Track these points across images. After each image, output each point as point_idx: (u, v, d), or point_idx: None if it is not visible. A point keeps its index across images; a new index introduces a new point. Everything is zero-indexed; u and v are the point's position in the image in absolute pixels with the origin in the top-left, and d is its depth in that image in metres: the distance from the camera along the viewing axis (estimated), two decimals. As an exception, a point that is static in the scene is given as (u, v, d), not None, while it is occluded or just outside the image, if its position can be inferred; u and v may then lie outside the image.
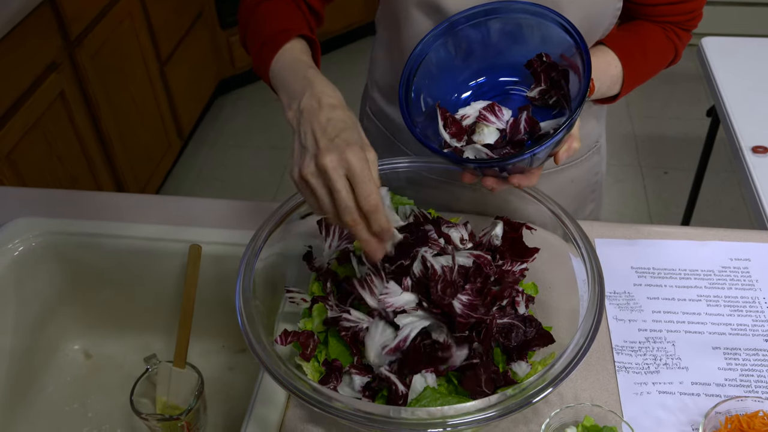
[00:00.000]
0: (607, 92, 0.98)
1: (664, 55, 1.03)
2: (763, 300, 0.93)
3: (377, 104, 1.12)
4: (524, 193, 0.88)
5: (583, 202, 1.18)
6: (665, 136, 2.99)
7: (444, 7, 0.90)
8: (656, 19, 0.99)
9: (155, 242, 1.07)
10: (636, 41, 0.99)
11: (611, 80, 0.96)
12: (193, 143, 3.03)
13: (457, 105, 0.89)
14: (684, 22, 1.01)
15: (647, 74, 1.02)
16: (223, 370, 1.11)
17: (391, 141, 1.12)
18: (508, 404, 0.66)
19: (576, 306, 0.80)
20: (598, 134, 1.15)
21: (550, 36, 0.81)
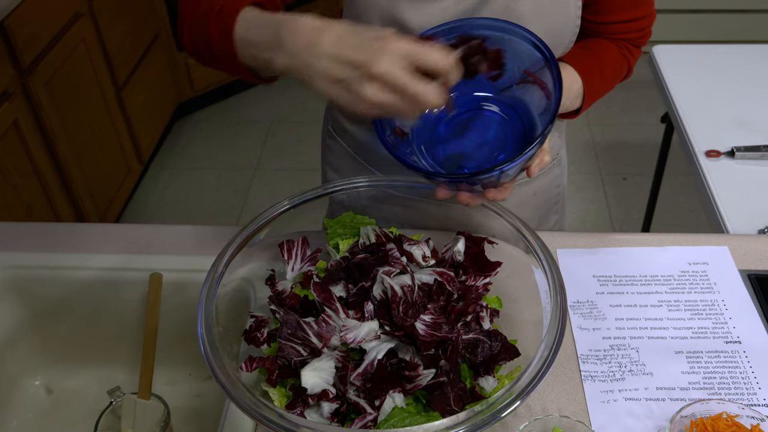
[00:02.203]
0: (570, 107, 1.01)
1: (619, 71, 1.06)
2: (722, 302, 0.95)
3: (340, 123, 1.12)
4: (485, 208, 0.89)
5: (546, 214, 1.19)
6: (623, 143, 3.04)
7: (408, 24, 0.91)
8: (610, 36, 1.03)
9: (115, 272, 1.05)
10: (593, 57, 1.02)
11: (574, 95, 0.99)
12: (153, 168, 2.99)
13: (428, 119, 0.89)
14: (635, 39, 1.05)
15: (605, 89, 1.05)
16: (190, 399, 1.10)
17: (354, 159, 1.12)
18: (476, 420, 0.66)
19: (540, 317, 0.80)
20: (559, 147, 1.17)
21: (518, 51, 0.82)
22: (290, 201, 0.89)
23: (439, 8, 0.89)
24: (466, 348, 0.78)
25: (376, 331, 0.77)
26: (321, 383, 0.75)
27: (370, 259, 0.81)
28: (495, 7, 0.90)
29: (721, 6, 3.35)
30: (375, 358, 0.76)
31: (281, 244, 0.88)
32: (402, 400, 0.74)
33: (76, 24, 2.25)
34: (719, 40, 1.97)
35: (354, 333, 0.76)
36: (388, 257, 0.82)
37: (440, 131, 0.87)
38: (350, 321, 0.77)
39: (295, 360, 0.78)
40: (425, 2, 0.89)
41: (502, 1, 0.90)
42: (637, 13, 1.02)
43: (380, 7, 0.91)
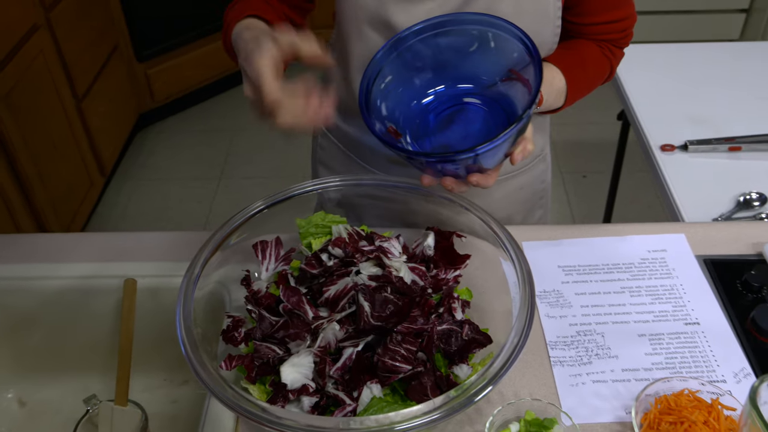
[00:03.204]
0: (554, 104, 1.03)
1: (602, 70, 1.09)
2: (680, 287, 0.99)
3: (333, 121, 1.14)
4: (453, 203, 0.92)
5: (532, 208, 1.23)
6: (581, 142, 3.11)
7: (394, 24, 0.94)
8: (593, 37, 1.06)
9: (87, 280, 1.05)
10: (576, 56, 1.05)
11: (557, 93, 1.02)
12: (116, 179, 2.97)
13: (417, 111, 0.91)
14: (617, 39, 1.08)
15: (587, 87, 1.08)
16: (166, 404, 1.10)
17: (347, 156, 1.15)
18: (451, 405, 0.69)
19: (509, 307, 0.83)
20: (543, 144, 1.21)
21: (503, 46, 0.84)
22: (264, 202, 0.90)
23: (424, 10, 0.93)
24: (440, 338, 0.80)
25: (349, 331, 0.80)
26: (300, 378, 0.77)
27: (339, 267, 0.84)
28: (477, 8, 0.93)
29: (672, 7, 3.46)
30: (353, 352, 0.78)
31: (255, 245, 0.90)
32: (380, 391, 0.77)
33: (33, 36, 2.23)
34: (670, 40, 2.04)
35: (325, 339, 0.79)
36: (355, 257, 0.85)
37: (427, 125, 0.90)
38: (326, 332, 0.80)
39: (273, 358, 0.79)
40: (411, 4, 0.92)
41: (484, 2, 0.93)
42: (618, 14, 1.04)
43: (368, 9, 0.94)
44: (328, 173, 1.20)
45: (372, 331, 0.79)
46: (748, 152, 1.52)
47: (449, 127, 0.89)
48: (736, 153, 1.53)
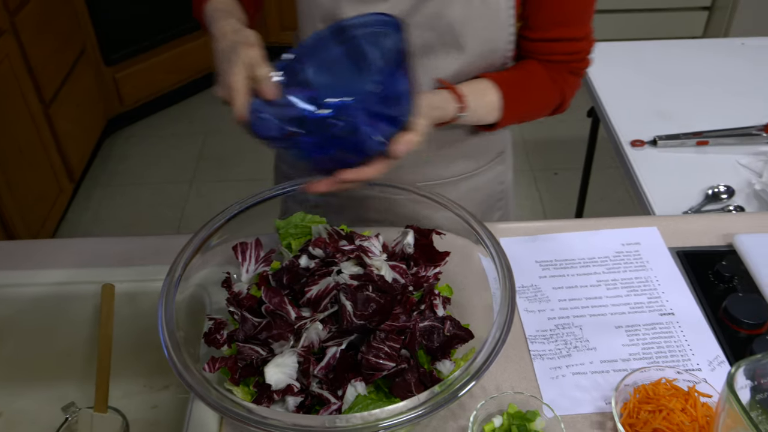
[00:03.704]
0: (486, 117, 1.01)
1: (548, 94, 1.05)
2: (654, 278, 1.01)
3: None
4: (432, 201, 0.92)
5: (489, 210, 1.23)
6: (552, 140, 3.15)
7: None
8: (544, 57, 1.03)
9: (62, 287, 1.04)
10: (518, 75, 1.03)
11: (488, 105, 1.00)
12: (85, 185, 2.93)
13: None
14: (569, 62, 1.04)
15: (529, 109, 1.06)
16: (146, 410, 1.09)
17: None
18: (436, 401, 0.69)
19: (489, 302, 0.84)
20: (502, 145, 1.20)
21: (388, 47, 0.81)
22: (243, 203, 0.90)
23: (376, 10, 0.93)
24: (422, 335, 0.81)
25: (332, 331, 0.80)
26: (285, 378, 0.77)
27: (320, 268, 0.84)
28: (427, 11, 0.94)
29: (638, 6, 3.52)
30: (337, 351, 0.78)
31: (235, 246, 0.89)
32: (364, 389, 0.77)
33: (-2, 41, 2.19)
34: (636, 38, 2.07)
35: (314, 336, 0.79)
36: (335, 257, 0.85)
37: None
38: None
39: (256, 359, 0.79)
40: (364, 4, 0.93)
41: (434, 5, 0.94)
42: (571, 32, 1.01)
43: (322, 7, 0.95)
44: (289, 169, 1.20)
45: (355, 330, 0.79)
46: (715, 146, 1.56)
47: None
48: (703, 147, 1.56)
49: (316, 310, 0.81)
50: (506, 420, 0.80)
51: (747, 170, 1.49)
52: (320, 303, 0.81)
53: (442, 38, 0.96)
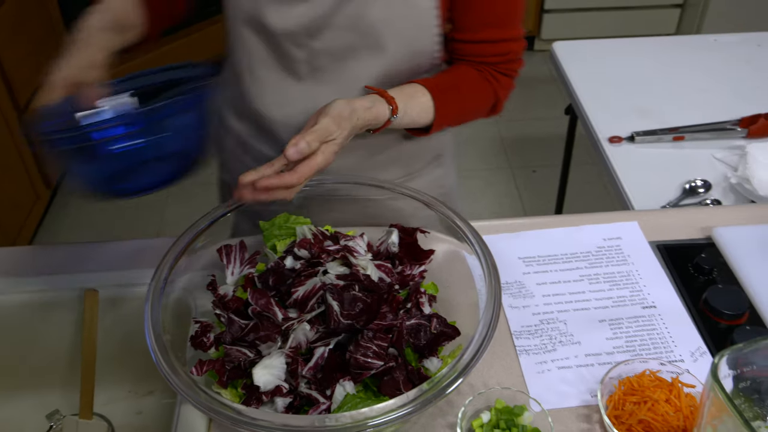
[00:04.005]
0: (418, 119, 1.00)
1: (482, 94, 1.04)
2: (636, 272, 1.03)
3: (228, 122, 1.15)
4: (415, 201, 0.93)
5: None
6: (529, 137, 3.17)
7: (269, 25, 0.96)
8: (473, 59, 1.03)
9: (44, 293, 1.03)
10: (447, 76, 1.03)
11: (420, 107, 0.99)
12: (62, 192, 2.89)
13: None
14: (499, 64, 1.04)
15: (464, 111, 1.06)
16: (131, 416, 1.08)
17: (241, 157, 1.16)
18: (424, 398, 0.70)
19: (475, 300, 0.85)
20: (438, 149, 1.18)
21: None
22: (228, 205, 0.90)
23: (297, 12, 0.94)
24: (409, 333, 0.81)
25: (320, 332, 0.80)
26: (273, 380, 0.77)
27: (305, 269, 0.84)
28: (347, 12, 0.95)
29: (614, 4, 3.56)
30: (325, 351, 0.78)
31: (220, 249, 0.89)
32: (353, 388, 0.77)
33: (-30, 46, 2.16)
34: (610, 36, 2.10)
35: (302, 337, 0.79)
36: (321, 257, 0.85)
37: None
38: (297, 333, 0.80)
39: (244, 361, 0.79)
40: (285, 5, 0.94)
41: (354, 7, 0.94)
42: (501, 34, 1.01)
43: (245, 9, 0.96)
44: (229, 178, 1.21)
45: (343, 330, 0.79)
46: (691, 141, 1.58)
47: None
48: (680, 142, 1.58)
49: (302, 310, 0.81)
50: (494, 415, 0.80)
51: (723, 164, 1.51)
52: (307, 303, 0.81)
53: (365, 40, 0.97)
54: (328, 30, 0.95)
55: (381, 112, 0.94)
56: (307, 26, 0.95)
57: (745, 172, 1.43)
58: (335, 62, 0.99)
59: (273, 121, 1.05)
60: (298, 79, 1.01)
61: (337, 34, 0.96)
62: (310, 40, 0.96)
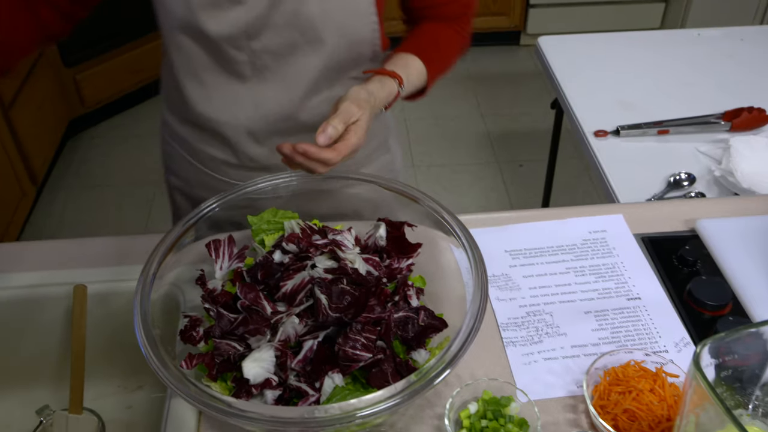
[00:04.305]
0: (417, 83, 1.06)
1: (456, 45, 1.12)
2: (621, 264, 1.04)
3: (173, 128, 1.16)
4: (402, 196, 0.93)
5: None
6: (516, 132, 3.19)
7: (207, 31, 0.96)
8: (441, 19, 1.10)
9: (33, 289, 1.03)
10: (424, 37, 1.09)
11: (417, 72, 1.04)
12: (48, 188, 2.88)
13: None
14: (462, 15, 1.12)
15: (447, 62, 1.12)
16: (121, 411, 1.08)
17: (191, 164, 1.17)
18: (412, 389, 0.71)
19: (462, 293, 0.86)
20: (383, 135, 1.23)
21: None
22: (217, 200, 0.91)
23: (233, 16, 0.95)
24: (397, 325, 0.82)
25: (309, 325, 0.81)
26: (263, 372, 0.77)
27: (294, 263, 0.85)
28: (284, 10, 0.95)
29: (597, -1, 3.58)
30: (314, 344, 0.79)
31: (208, 244, 0.90)
32: (341, 380, 0.78)
33: (-46, 43, 2.14)
34: (595, 30, 2.11)
35: (291, 329, 0.79)
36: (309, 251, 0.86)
37: None
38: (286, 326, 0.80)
39: (233, 354, 0.80)
40: (220, 10, 0.94)
41: (290, 4, 0.95)
42: None
43: (179, 17, 0.96)
44: (178, 181, 1.22)
45: (331, 323, 0.80)
46: (676, 135, 1.60)
47: None
48: (664, 136, 1.60)
49: (291, 304, 0.82)
50: (481, 406, 0.81)
51: (707, 157, 1.53)
52: (295, 297, 0.82)
53: (304, 35, 0.98)
54: (267, 30, 0.96)
55: (391, 88, 0.98)
56: (244, 29, 0.96)
57: (728, 165, 1.45)
58: (278, 60, 1.00)
59: (220, 123, 1.06)
60: (242, 81, 1.02)
61: (276, 32, 0.97)
62: (249, 41, 0.97)
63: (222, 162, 1.12)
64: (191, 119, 1.09)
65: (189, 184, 1.20)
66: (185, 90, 1.04)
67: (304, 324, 0.81)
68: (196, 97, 1.04)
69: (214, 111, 1.05)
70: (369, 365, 0.79)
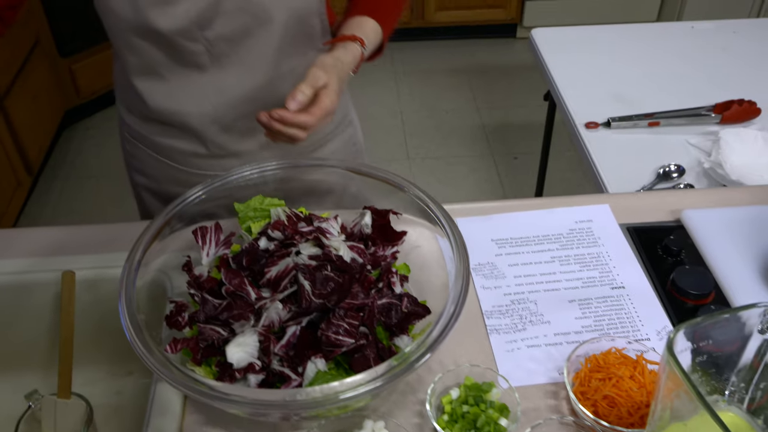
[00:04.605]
0: (375, 41, 1.08)
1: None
2: (606, 254, 1.05)
3: (133, 128, 1.16)
4: (388, 185, 0.94)
5: None
6: (511, 125, 3.19)
7: (159, 29, 0.96)
8: None
9: (22, 276, 1.03)
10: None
11: (372, 31, 1.07)
12: (44, 179, 2.88)
13: None
14: None
15: (395, 16, 1.15)
16: (110, 396, 1.09)
17: (157, 160, 1.17)
18: (393, 373, 0.71)
19: (446, 281, 0.86)
20: (346, 109, 1.26)
21: None
22: (203, 188, 0.91)
23: (182, 9, 0.95)
24: (381, 312, 0.83)
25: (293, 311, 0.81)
26: (246, 357, 0.78)
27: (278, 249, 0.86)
28: None
29: (592, -9, 3.58)
30: (297, 329, 0.80)
31: (195, 230, 0.90)
32: (324, 365, 0.79)
33: (-52, 32, 2.14)
34: (592, 22, 2.11)
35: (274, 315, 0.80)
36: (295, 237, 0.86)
37: None
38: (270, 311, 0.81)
39: (217, 339, 0.81)
40: (168, 5, 0.95)
41: None
42: None
43: (127, 18, 0.96)
44: (144, 179, 1.23)
45: (314, 309, 0.81)
46: (667, 127, 1.60)
47: None
48: (655, 128, 1.60)
49: (275, 290, 0.83)
50: (463, 392, 0.82)
51: (697, 149, 1.54)
52: (280, 283, 0.83)
53: (256, 17, 1.00)
54: (218, 17, 0.97)
55: (355, 51, 1.02)
56: (196, 20, 0.96)
57: (717, 157, 1.46)
58: (233, 46, 1.01)
59: (185, 115, 1.07)
60: (202, 71, 1.03)
61: (227, 19, 0.98)
62: (202, 31, 0.98)
63: (190, 154, 1.13)
64: (154, 116, 1.09)
65: (157, 181, 1.20)
66: (144, 89, 1.05)
67: (287, 310, 0.82)
68: (157, 94, 1.05)
69: (178, 104, 1.06)
70: (352, 351, 0.80)
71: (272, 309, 0.81)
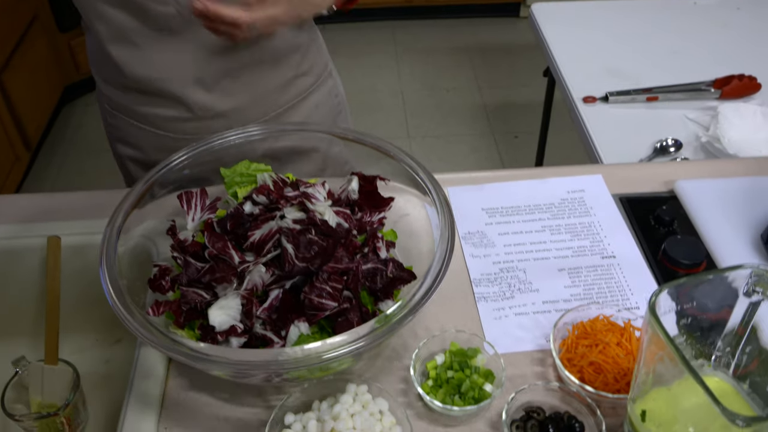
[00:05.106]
0: None
1: None
2: (597, 224, 1.04)
3: (113, 99, 1.15)
4: (378, 152, 0.93)
5: (334, 122, 1.29)
6: (512, 104, 3.17)
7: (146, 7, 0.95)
8: None
9: (8, 241, 1.03)
10: None
11: None
12: (43, 154, 2.88)
13: None
14: None
15: None
16: (98, 364, 1.09)
17: (140, 129, 1.16)
18: (375, 334, 0.71)
19: (433, 248, 0.86)
20: (326, 60, 1.25)
21: None
22: (186, 152, 0.90)
23: None
24: (366, 277, 0.82)
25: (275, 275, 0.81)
26: (228, 320, 0.78)
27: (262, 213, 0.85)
28: None
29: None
30: (280, 292, 0.79)
31: (180, 195, 0.90)
32: (307, 329, 0.78)
33: (-56, 5, 2.14)
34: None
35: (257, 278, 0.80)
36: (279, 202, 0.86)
37: None
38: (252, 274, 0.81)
39: (200, 302, 0.80)
40: None
41: None
42: None
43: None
44: (130, 150, 1.21)
45: (297, 273, 0.80)
46: (665, 102, 1.59)
47: None
48: (653, 103, 1.59)
49: (259, 254, 0.82)
50: (448, 357, 0.82)
51: (695, 124, 1.52)
52: (263, 247, 0.82)
53: None
54: None
55: None
56: None
57: (715, 131, 1.44)
58: None
59: (165, 80, 1.05)
60: (175, 34, 1.01)
61: None
62: None
63: (174, 119, 1.11)
64: (133, 86, 1.08)
65: (142, 151, 1.19)
66: (120, 58, 1.03)
67: (271, 273, 0.81)
68: (133, 61, 1.04)
69: (156, 70, 1.04)
70: (335, 315, 0.79)
71: (255, 272, 0.80)
